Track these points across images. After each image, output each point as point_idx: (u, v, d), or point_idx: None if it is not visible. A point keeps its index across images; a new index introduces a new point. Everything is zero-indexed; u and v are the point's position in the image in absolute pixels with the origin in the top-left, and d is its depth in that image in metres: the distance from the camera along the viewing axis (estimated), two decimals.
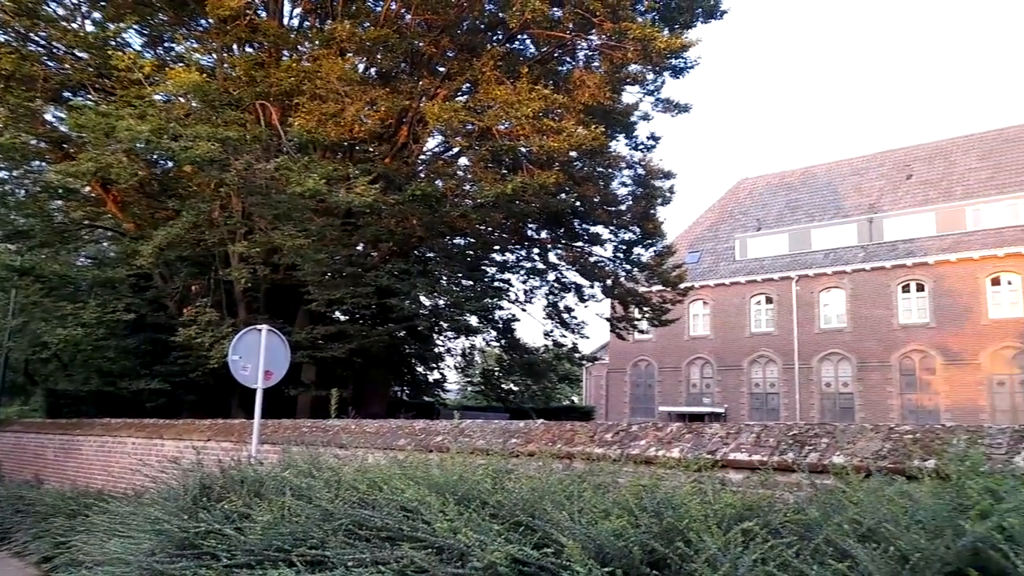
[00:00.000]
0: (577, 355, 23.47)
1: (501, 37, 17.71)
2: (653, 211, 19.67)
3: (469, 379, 30.06)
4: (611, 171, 19.01)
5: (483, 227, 18.76)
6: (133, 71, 14.10)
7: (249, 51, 17.19)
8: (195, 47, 17.35)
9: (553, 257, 21.72)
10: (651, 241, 20.51)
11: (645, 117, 19.30)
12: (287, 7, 18.37)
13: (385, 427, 7.86)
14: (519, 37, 17.82)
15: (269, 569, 4.45)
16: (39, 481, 15.53)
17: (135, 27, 16.59)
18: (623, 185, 19.98)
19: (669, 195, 19.44)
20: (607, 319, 23.82)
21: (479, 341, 25.14)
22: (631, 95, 18.85)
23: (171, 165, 16.89)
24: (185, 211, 15.06)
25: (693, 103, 19.70)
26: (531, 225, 20.30)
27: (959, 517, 2.91)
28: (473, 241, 20.07)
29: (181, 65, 15.49)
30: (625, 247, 20.73)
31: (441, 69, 17.74)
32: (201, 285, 18.26)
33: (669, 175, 19.51)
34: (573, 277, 21.91)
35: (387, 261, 17.62)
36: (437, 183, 17.27)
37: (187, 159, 13.43)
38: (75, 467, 14.84)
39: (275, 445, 8.70)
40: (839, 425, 4.59)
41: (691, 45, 15.75)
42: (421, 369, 26.03)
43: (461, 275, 19.69)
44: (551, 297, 22.58)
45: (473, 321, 21.02)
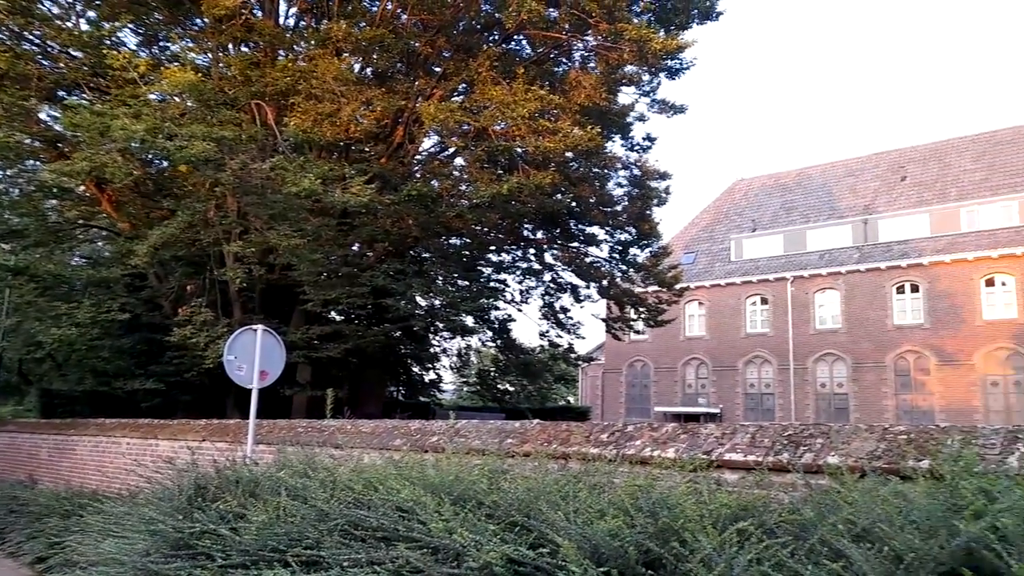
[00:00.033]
0: (573, 355, 23.51)
1: (497, 38, 17.72)
2: (649, 212, 19.72)
3: (465, 379, 30.07)
4: (607, 172, 19.04)
5: (479, 227, 18.77)
6: (128, 70, 14.07)
7: (245, 51, 17.17)
8: (190, 46, 17.32)
9: (549, 257, 21.75)
10: (647, 242, 20.56)
11: (641, 118, 19.36)
12: (283, 7, 18.38)
13: (381, 427, 7.85)
14: (515, 38, 17.84)
15: (264, 569, 4.44)
16: (33, 481, 15.48)
17: (130, 26, 16.58)
18: (619, 186, 20.07)
19: (665, 196, 19.51)
20: (603, 319, 23.85)
21: (475, 341, 25.16)
22: (627, 96, 18.92)
23: (166, 165, 16.86)
24: (180, 211, 15.03)
25: (689, 104, 19.74)
26: (527, 225, 20.32)
27: (953, 517, 2.92)
28: (469, 241, 20.07)
29: (176, 64, 15.46)
30: (621, 248, 20.77)
31: (437, 69, 17.74)
32: (196, 285, 18.22)
33: (665, 176, 19.57)
34: (569, 277, 21.98)
35: (383, 261, 17.61)
36: (433, 183, 17.27)
37: (182, 159, 13.41)
38: (69, 467, 14.79)
39: (270, 445, 8.68)
40: (834, 425, 4.60)
41: (687, 46, 15.80)
42: (417, 369, 26.02)
43: (457, 275, 19.69)
44: (547, 297, 22.62)
45: (469, 321, 21.04)
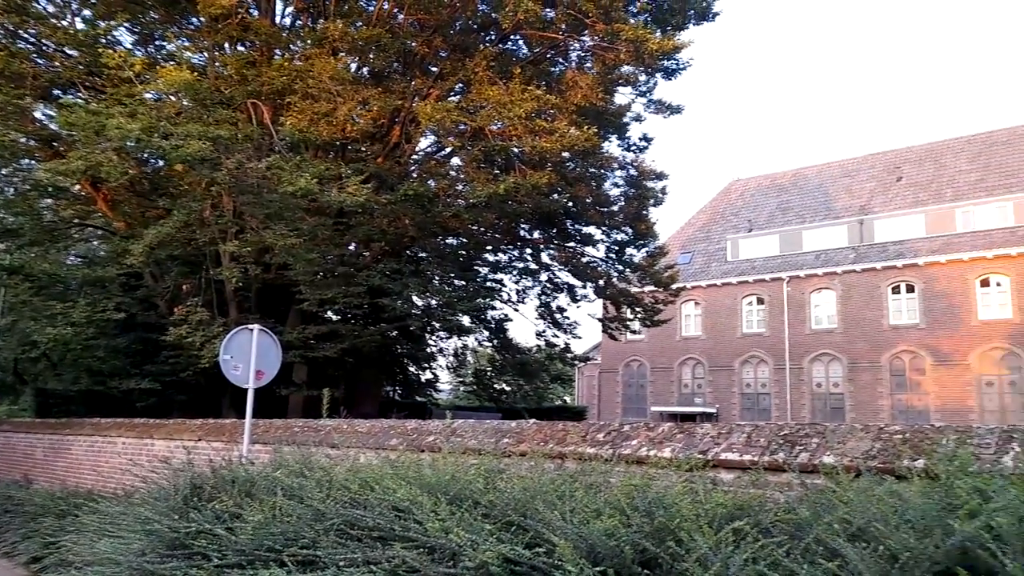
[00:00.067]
0: (569, 355, 23.52)
1: (494, 37, 17.71)
2: (645, 212, 19.74)
3: (461, 379, 30.06)
4: (603, 172, 19.04)
5: (475, 227, 18.75)
6: (123, 69, 14.02)
7: (241, 50, 17.13)
8: (186, 45, 17.26)
9: (545, 257, 21.76)
10: (643, 242, 20.57)
11: (637, 118, 19.36)
12: (279, 6, 18.33)
13: (377, 427, 7.85)
14: (512, 38, 17.83)
15: (260, 569, 4.44)
16: (28, 481, 15.43)
17: (126, 25, 16.52)
18: (615, 186, 20.07)
19: (661, 196, 19.54)
20: (599, 319, 23.86)
21: (471, 341, 25.15)
22: (623, 96, 18.92)
23: (162, 164, 16.82)
24: (176, 210, 14.99)
25: (685, 105, 19.79)
26: (523, 225, 20.32)
27: (948, 516, 2.93)
28: (465, 241, 20.06)
29: (172, 63, 15.41)
30: (617, 248, 20.78)
31: (434, 69, 17.72)
32: (192, 284, 18.18)
33: (661, 176, 19.61)
34: (565, 277, 21.98)
35: (379, 261, 17.58)
36: (429, 183, 17.25)
37: (178, 158, 13.37)
38: (65, 467, 14.75)
39: (266, 445, 8.66)
40: (829, 425, 4.61)
41: (683, 47, 15.80)
42: (413, 369, 26.01)
43: (453, 275, 19.68)
44: (543, 297, 22.61)
45: (465, 321, 21.02)
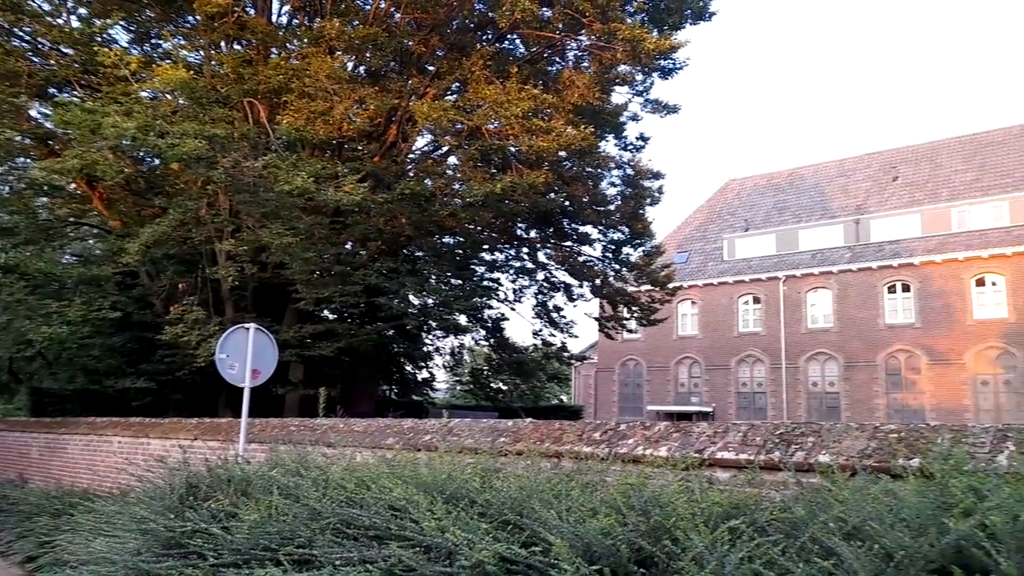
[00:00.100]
0: (566, 354, 23.52)
1: (491, 37, 17.70)
2: (642, 211, 19.74)
3: (458, 378, 30.06)
4: (600, 171, 19.04)
5: (472, 226, 18.75)
6: (119, 68, 13.98)
7: (237, 48, 17.10)
8: (182, 44, 17.22)
9: (542, 256, 21.76)
10: (640, 241, 20.58)
11: (634, 118, 19.36)
12: (276, 4, 18.30)
13: (373, 426, 7.84)
14: (509, 37, 17.81)
15: (256, 568, 4.43)
16: (23, 480, 15.41)
17: (121, 23, 16.46)
18: (612, 185, 20.06)
19: (658, 195, 19.53)
20: (596, 318, 23.87)
21: (468, 340, 25.15)
22: (620, 95, 18.91)
23: (158, 162, 16.78)
24: (172, 209, 14.96)
25: (682, 104, 19.76)
26: (520, 224, 20.32)
27: (943, 515, 2.93)
28: (462, 240, 20.05)
29: (168, 62, 15.38)
30: (614, 247, 20.79)
31: (430, 68, 17.71)
32: (188, 283, 18.15)
33: (658, 175, 19.60)
34: (562, 276, 21.98)
35: (376, 260, 17.56)
36: (426, 182, 17.24)
37: (174, 157, 13.34)
38: (60, 466, 14.72)
39: (262, 444, 8.65)
40: (825, 424, 4.62)
41: (680, 46, 15.80)
42: (410, 368, 25.98)
43: (450, 274, 19.67)
44: (540, 296, 22.62)
45: (462, 320, 21.00)
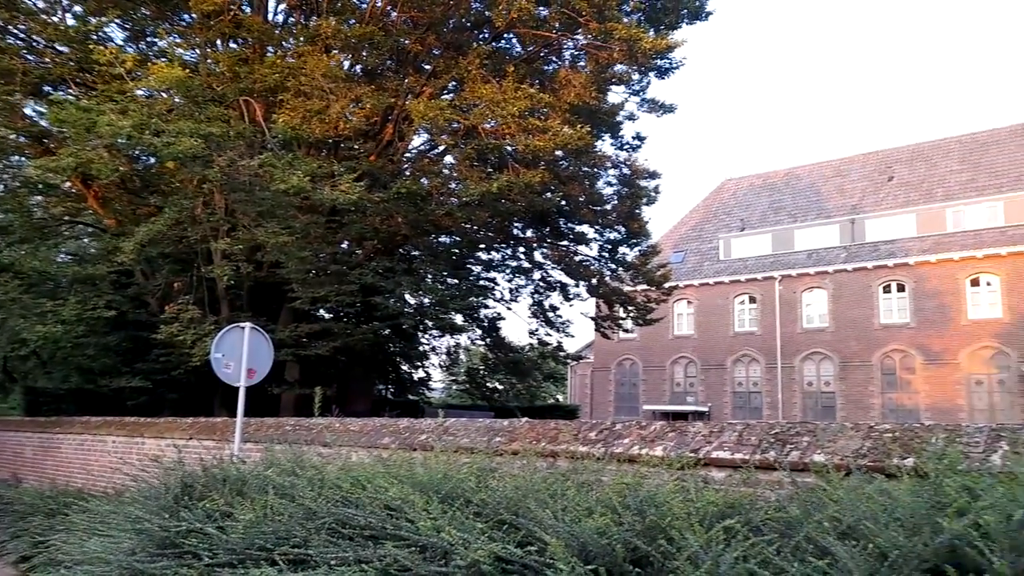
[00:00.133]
0: (562, 354, 23.51)
1: (487, 36, 17.69)
2: (638, 211, 19.75)
3: (454, 378, 29.99)
4: (596, 171, 19.05)
5: (468, 225, 18.74)
6: (115, 66, 13.94)
7: (233, 47, 17.05)
8: (178, 42, 17.18)
9: (538, 256, 21.76)
10: (636, 240, 20.60)
11: (631, 117, 19.39)
12: (271, 3, 18.27)
13: (369, 425, 7.84)
14: (505, 36, 17.81)
15: (251, 568, 4.42)
16: (17, 480, 15.36)
17: (117, 21, 16.43)
18: (608, 185, 20.06)
19: (654, 195, 19.54)
20: (592, 318, 23.88)
21: (464, 340, 25.14)
22: (617, 95, 18.94)
23: (153, 161, 16.73)
24: (167, 207, 14.92)
25: (678, 104, 19.86)
26: (516, 224, 20.32)
27: (937, 515, 2.94)
28: (458, 239, 20.04)
29: (164, 60, 15.36)
30: (610, 246, 20.80)
31: (427, 67, 17.69)
32: (183, 282, 18.10)
33: (654, 175, 19.62)
34: (558, 276, 21.98)
35: (372, 259, 17.55)
36: (422, 181, 17.23)
37: (169, 155, 13.31)
38: (54, 466, 14.68)
39: (258, 443, 8.64)
40: (820, 424, 4.63)
41: (676, 46, 15.83)
42: (406, 367, 25.96)
43: (446, 273, 19.66)
44: (536, 296, 22.62)
45: (458, 319, 21.00)
